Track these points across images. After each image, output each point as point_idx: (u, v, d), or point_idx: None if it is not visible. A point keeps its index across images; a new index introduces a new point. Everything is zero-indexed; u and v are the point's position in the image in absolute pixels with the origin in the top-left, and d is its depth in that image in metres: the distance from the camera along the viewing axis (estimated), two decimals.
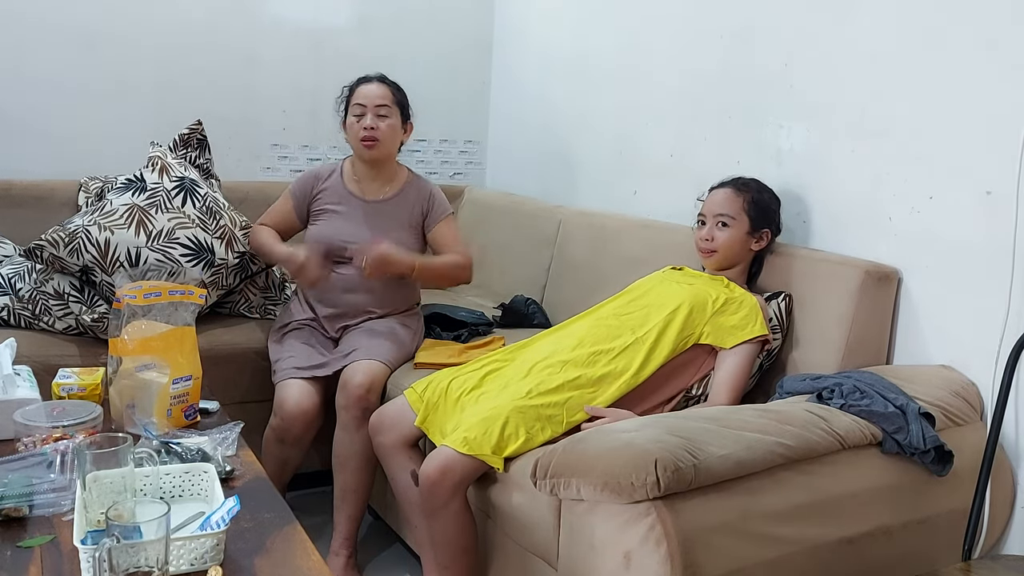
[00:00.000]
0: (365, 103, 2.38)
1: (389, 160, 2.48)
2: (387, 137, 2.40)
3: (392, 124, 2.41)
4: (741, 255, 2.06)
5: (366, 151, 2.40)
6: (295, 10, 3.21)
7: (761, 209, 2.05)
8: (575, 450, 1.53)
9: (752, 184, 2.09)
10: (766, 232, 2.06)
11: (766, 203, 2.07)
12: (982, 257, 1.82)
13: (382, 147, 2.40)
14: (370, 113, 2.37)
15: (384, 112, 2.39)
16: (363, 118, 2.37)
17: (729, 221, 2.03)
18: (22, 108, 2.85)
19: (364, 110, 2.38)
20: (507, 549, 1.81)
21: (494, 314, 2.80)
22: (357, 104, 2.39)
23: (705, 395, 1.95)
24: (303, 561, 1.31)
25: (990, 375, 1.80)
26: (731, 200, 2.05)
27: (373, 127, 2.37)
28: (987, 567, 1.55)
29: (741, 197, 2.05)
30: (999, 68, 1.78)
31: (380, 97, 2.39)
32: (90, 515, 1.31)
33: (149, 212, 2.45)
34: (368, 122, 2.37)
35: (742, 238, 2.04)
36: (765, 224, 2.06)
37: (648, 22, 2.74)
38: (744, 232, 2.04)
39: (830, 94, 2.14)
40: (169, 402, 1.78)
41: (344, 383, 2.20)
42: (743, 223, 2.03)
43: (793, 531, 1.51)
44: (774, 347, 2.00)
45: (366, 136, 2.37)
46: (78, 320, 2.37)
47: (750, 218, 2.03)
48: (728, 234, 2.03)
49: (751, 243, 2.05)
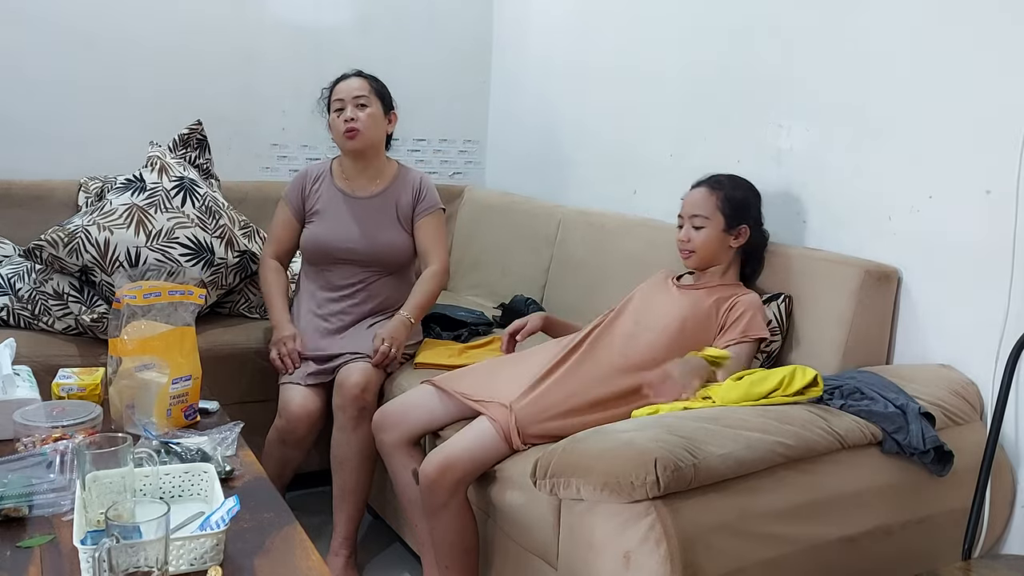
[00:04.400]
0: (344, 97, 2.39)
1: (376, 152, 2.46)
2: (368, 127, 2.39)
3: (372, 113, 2.39)
4: (720, 253, 2.04)
5: (349, 143, 2.39)
6: (295, 10, 3.21)
7: (735, 206, 2.02)
8: (575, 450, 1.52)
9: (726, 181, 2.06)
10: (743, 228, 2.03)
11: (740, 199, 2.04)
12: (982, 257, 1.82)
13: (364, 137, 2.39)
14: (349, 105, 2.37)
15: (363, 102, 2.39)
16: (343, 111, 2.38)
17: (703, 221, 2.01)
18: (22, 108, 2.85)
19: (343, 103, 2.38)
20: (507, 549, 1.81)
21: (494, 314, 2.80)
22: (336, 100, 2.39)
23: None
24: (303, 561, 1.31)
25: (990, 375, 1.80)
26: (704, 200, 2.03)
27: (353, 118, 2.37)
28: (987, 566, 1.54)
29: (714, 195, 2.02)
30: (999, 68, 1.78)
31: (358, 89, 2.40)
32: (90, 515, 1.31)
33: (148, 212, 2.45)
34: (348, 114, 2.37)
35: (718, 236, 2.01)
36: (741, 220, 2.03)
37: (647, 22, 2.74)
38: (719, 230, 2.01)
39: (830, 94, 2.13)
40: (169, 402, 1.78)
41: (340, 383, 2.21)
42: (717, 221, 2.01)
43: (793, 530, 1.51)
44: (773, 349, 2.00)
45: (348, 128, 2.37)
46: (78, 320, 2.37)
47: (724, 216, 2.01)
48: (703, 234, 2.01)
49: (729, 240, 2.03)
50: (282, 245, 2.52)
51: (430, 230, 2.47)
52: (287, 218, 2.50)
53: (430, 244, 2.46)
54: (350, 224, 2.42)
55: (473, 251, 3.20)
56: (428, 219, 2.47)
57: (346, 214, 2.44)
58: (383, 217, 2.44)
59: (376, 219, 2.43)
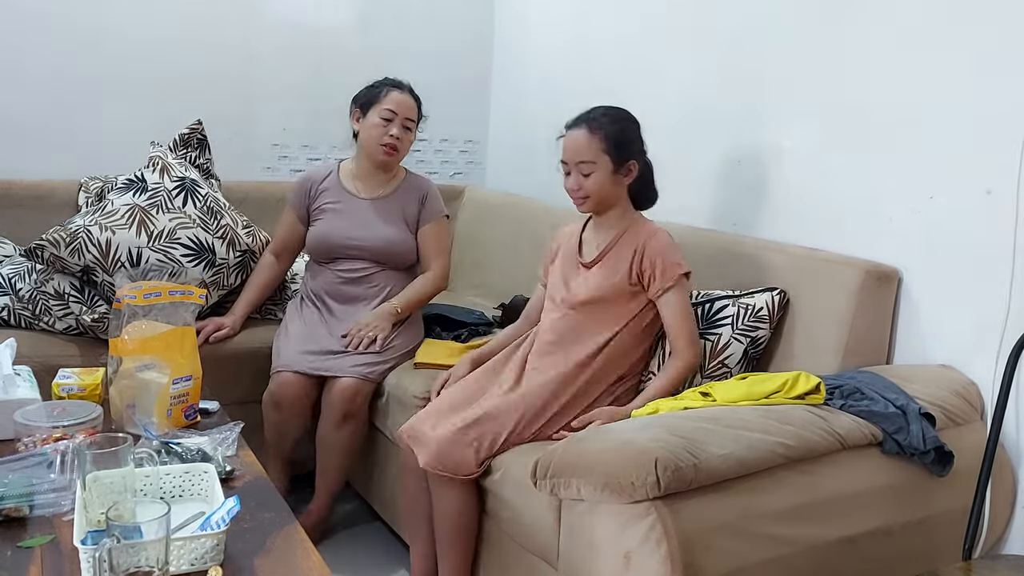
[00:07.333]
0: (397, 111, 2.41)
1: (394, 166, 2.54)
2: (405, 149, 2.47)
3: (411, 138, 2.47)
4: (614, 194, 1.99)
5: (385, 157, 2.43)
6: (295, 9, 3.20)
7: (619, 143, 1.95)
8: (575, 450, 1.53)
9: (603, 118, 1.96)
10: (632, 164, 1.97)
11: (623, 134, 1.96)
12: (982, 257, 1.82)
13: (398, 157, 2.47)
14: (399, 123, 2.40)
15: (409, 125, 2.44)
16: (390, 125, 2.40)
17: (590, 167, 1.93)
18: (22, 108, 2.85)
19: (394, 116, 2.40)
20: (506, 548, 1.81)
21: (494, 314, 2.80)
22: (388, 109, 2.40)
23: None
24: (303, 561, 1.31)
25: (990, 375, 1.80)
26: (588, 143, 1.94)
27: (399, 137, 2.41)
28: (987, 567, 1.55)
29: (596, 136, 1.94)
30: (999, 68, 1.78)
31: (410, 110, 2.44)
32: (90, 515, 1.31)
33: (150, 212, 2.45)
34: (395, 131, 2.40)
35: (609, 178, 1.95)
36: (628, 156, 1.97)
37: (648, 21, 2.74)
38: (609, 172, 1.95)
39: (830, 94, 2.13)
40: (169, 402, 1.78)
41: (329, 388, 2.26)
42: (605, 164, 1.94)
43: (793, 531, 1.51)
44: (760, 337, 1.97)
45: (389, 143, 2.40)
46: (78, 320, 2.37)
47: (611, 156, 1.94)
48: (594, 180, 1.94)
49: (621, 180, 1.98)
50: (283, 243, 2.59)
51: (433, 237, 2.51)
52: (291, 220, 2.55)
53: (431, 251, 2.51)
54: (356, 221, 2.46)
55: (473, 251, 3.21)
56: (431, 226, 2.51)
57: (352, 212, 2.47)
58: (388, 216, 2.48)
59: (382, 217, 2.47)
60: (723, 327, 1.97)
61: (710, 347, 1.96)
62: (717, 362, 1.96)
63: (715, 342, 1.96)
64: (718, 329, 1.98)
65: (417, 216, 2.50)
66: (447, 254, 2.57)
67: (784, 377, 1.72)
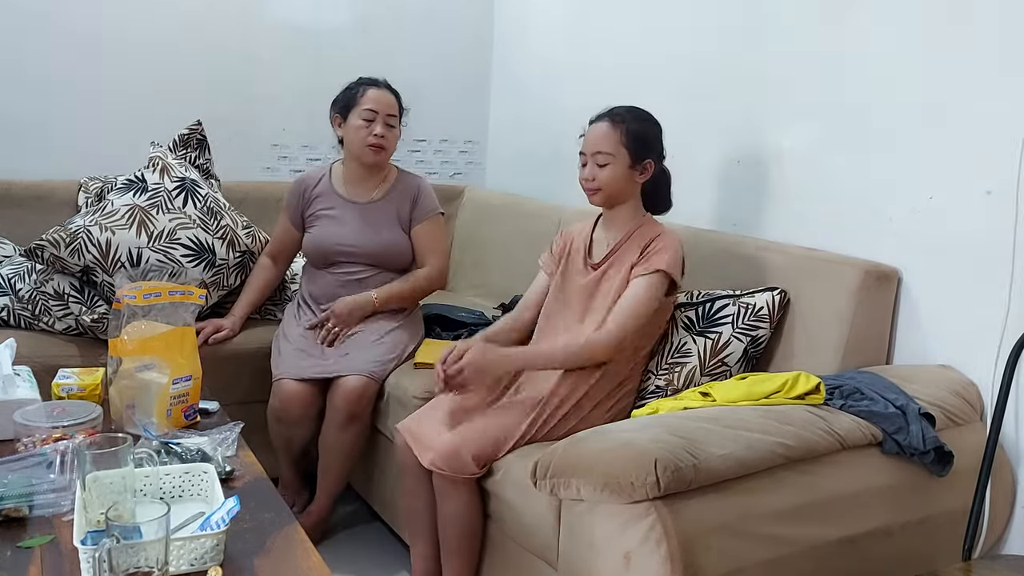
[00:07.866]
0: (377, 109, 2.40)
1: (384, 165, 2.52)
2: (392, 145, 2.46)
3: (396, 134, 2.46)
4: (627, 190, 1.99)
5: (372, 157, 2.42)
6: (295, 10, 3.20)
7: (640, 140, 1.96)
8: (575, 450, 1.53)
9: (627, 114, 1.98)
10: (648, 163, 1.98)
11: (644, 132, 1.98)
12: (982, 257, 1.82)
13: (386, 155, 2.45)
14: (381, 121, 2.39)
15: (392, 122, 2.43)
16: (373, 124, 2.39)
17: (607, 159, 1.95)
18: (22, 108, 2.85)
19: (375, 116, 2.39)
20: (507, 549, 1.81)
21: (494, 314, 2.80)
22: (368, 109, 2.39)
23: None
24: (303, 561, 1.31)
25: (990, 375, 1.80)
26: (608, 136, 1.95)
27: (383, 135, 2.40)
28: (987, 567, 1.55)
29: (617, 130, 1.96)
30: (999, 68, 1.78)
31: (390, 106, 2.43)
32: (90, 515, 1.31)
33: (150, 212, 2.45)
34: (379, 130, 2.39)
35: (624, 173, 1.96)
36: (646, 155, 1.98)
37: (647, 21, 2.74)
38: (625, 167, 1.96)
39: (830, 94, 2.13)
40: (169, 402, 1.78)
41: (334, 390, 2.25)
42: (623, 158, 1.95)
43: (793, 531, 1.52)
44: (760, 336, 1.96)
45: (375, 143, 2.40)
46: (78, 320, 2.37)
47: (629, 151, 1.95)
48: (609, 172, 1.95)
49: (635, 176, 1.98)
50: (279, 246, 2.60)
51: (426, 235, 2.50)
52: (287, 225, 2.56)
53: (426, 249, 2.49)
54: (350, 226, 2.45)
55: (473, 251, 3.21)
56: (425, 224, 2.50)
57: (346, 217, 2.46)
58: (383, 219, 2.47)
59: (376, 221, 2.46)
60: (723, 326, 1.97)
61: (710, 346, 1.96)
62: (717, 360, 1.96)
63: (715, 340, 1.96)
64: (718, 328, 1.98)
65: (410, 216, 2.49)
66: (443, 252, 2.56)
67: (784, 377, 1.72)
